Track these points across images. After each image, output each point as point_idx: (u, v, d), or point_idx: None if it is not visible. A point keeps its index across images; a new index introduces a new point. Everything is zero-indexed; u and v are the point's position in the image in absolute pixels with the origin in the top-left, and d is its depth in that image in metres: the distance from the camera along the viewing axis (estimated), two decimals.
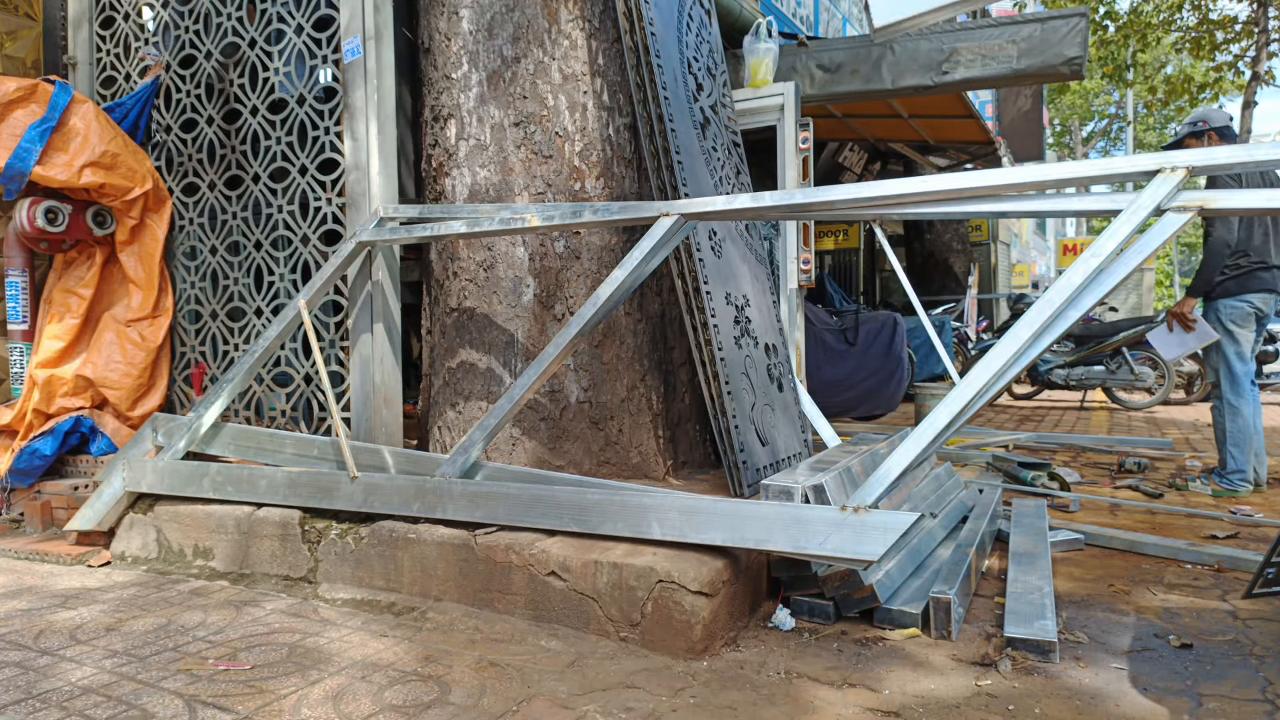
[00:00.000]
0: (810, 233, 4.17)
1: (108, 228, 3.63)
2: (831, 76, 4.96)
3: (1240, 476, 4.04)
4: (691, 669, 2.04)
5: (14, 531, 3.50)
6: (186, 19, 3.69)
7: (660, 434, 3.12)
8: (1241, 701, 1.85)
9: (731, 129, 3.66)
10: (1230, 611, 2.43)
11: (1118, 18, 14.00)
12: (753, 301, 3.31)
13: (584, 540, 2.38)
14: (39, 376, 3.52)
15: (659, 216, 2.39)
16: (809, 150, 4.11)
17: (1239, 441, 4.03)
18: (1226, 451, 4.08)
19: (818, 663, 2.09)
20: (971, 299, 11.00)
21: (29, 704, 1.87)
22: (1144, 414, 7.73)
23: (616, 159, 3.11)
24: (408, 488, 2.60)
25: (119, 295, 3.70)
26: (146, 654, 2.17)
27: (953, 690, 1.93)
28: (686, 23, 3.36)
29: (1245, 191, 1.96)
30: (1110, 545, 3.13)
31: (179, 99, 3.73)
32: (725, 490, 2.86)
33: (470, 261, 3.11)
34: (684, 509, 2.25)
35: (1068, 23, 4.48)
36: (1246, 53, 13.24)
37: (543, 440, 3.02)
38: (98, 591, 2.74)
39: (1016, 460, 4.41)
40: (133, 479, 3.08)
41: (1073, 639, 2.23)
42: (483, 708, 1.84)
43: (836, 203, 2.22)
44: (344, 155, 3.22)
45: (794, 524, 2.10)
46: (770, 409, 3.14)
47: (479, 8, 3.09)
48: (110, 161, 3.46)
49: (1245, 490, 4.03)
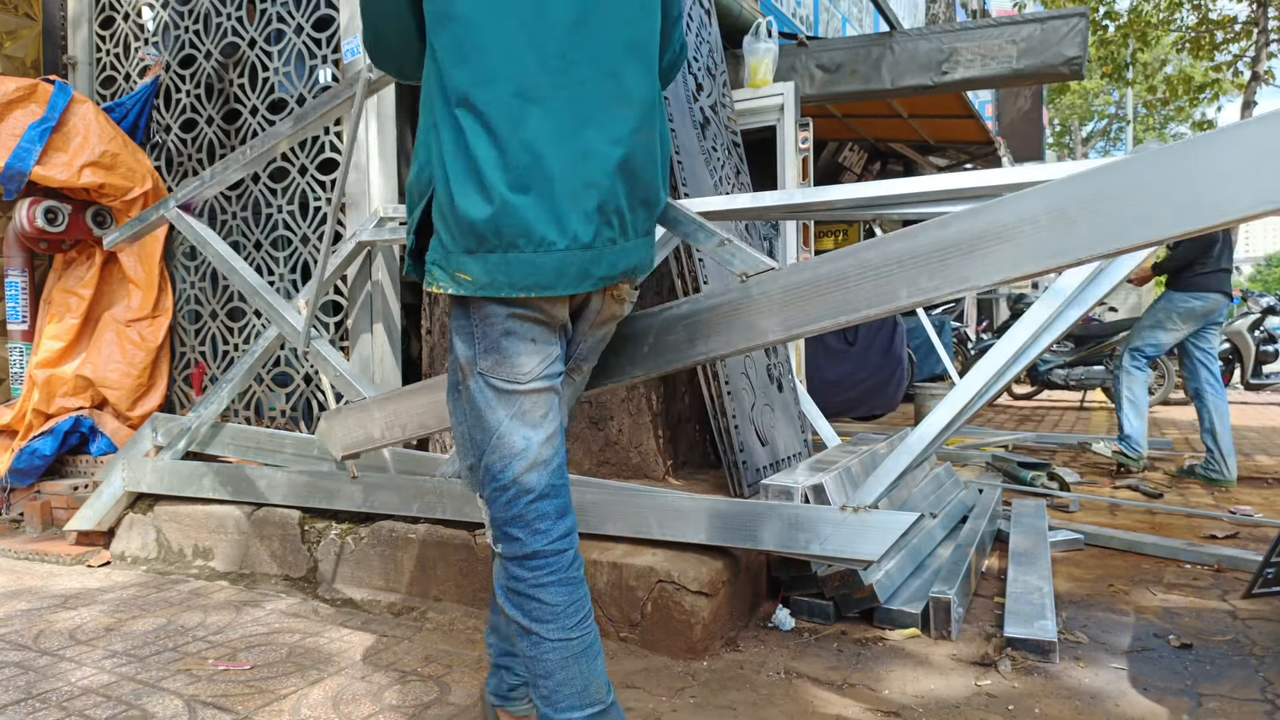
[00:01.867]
0: (810, 233, 4.17)
1: (107, 228, 3.63)
2: (831, 76, 4.95)
3: (1136, 442, 4.50)
4: (691, 669, 2.04)
5: (14, 531, 3.50)
6: (186, 19, 3.69)
7: (660, 434, 3.12)
8: (1241, 701, 1.85)
9: (731, 129, 3.66)
10: (1230, 611, 2.43)
11: (1118, 18, 14.01)
12: None
13: (584, 540, 2.37)
14: (39, 376, 3.52)
15: None
16: (809, 150, 4.11)
17: (1136, 405, 4.51)
18: (1123, 415, 4.54)
19: (818, 663, 2.09)
20: (971, 299, 11.01)
21: (29, 704, 1.87)
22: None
23: None
24: (408, 488, 2.60)
25: (119, 295, 3.70)
26: (146, 654, 2.17)
27: (953, 690, 1.93)
28: (686, 23, 3.36)
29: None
30: (1110, 545, 3.13)
31: (179, 99, 3.73)
32: (725, 490, 2.85)
33: None
34: (684, 509, 2.25)
35: (1067, 23, 4.47)
36: (1246, 53, 13.24)
37: None
38: (97, 591, 2.74)
39: (1016, 460, 4.41)
40: (132, 479, 3.08)
41: (1073, 639, 2.23)
42: (483, 708, 1.84)
43: (836, 203, 2.22)
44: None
45: (794, 524, 2.10)
46: (770, 409, 3.14)
47: None
48: (110, 161, 3.46)
49: (1139, 456, 4.48)
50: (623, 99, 1.35)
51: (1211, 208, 1.28)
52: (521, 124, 1.28)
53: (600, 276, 1.36)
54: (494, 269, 1.30)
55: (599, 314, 1.51)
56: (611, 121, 1.34)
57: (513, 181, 1.28)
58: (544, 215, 1.29)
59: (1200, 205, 1.28)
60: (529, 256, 1.30)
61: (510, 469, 1.37)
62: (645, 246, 1.46)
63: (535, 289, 1.31)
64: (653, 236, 1.50)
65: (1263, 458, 5.14)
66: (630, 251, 1.41)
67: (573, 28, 1.30)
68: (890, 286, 1.53)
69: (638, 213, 1.41)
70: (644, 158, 1.40)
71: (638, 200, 1.40)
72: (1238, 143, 1.26)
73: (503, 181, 1.28)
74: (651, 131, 1.41)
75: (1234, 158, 1.26)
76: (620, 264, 1.39)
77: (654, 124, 1.42)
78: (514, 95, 1.28)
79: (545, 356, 1.39)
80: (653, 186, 1.43)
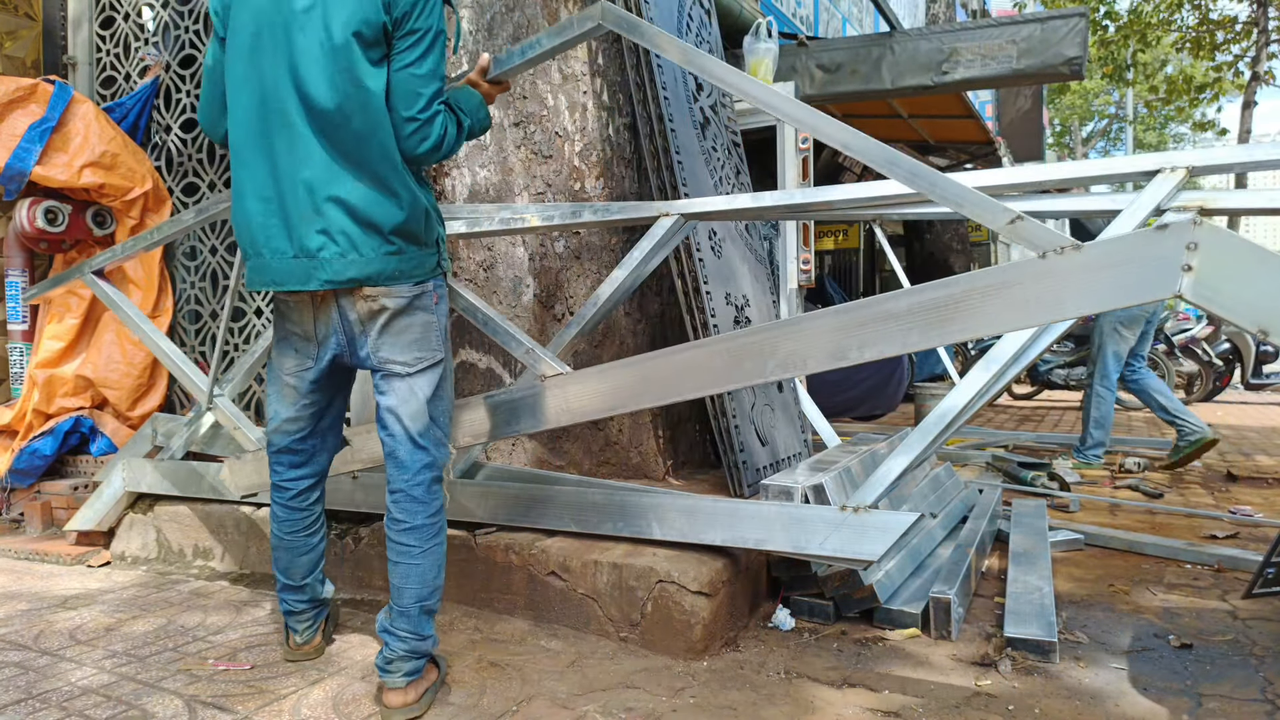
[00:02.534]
0: (810, 233, 4.17)
1: (108, 228, 3.63)
2: (831, 76, 4.95)
3: (1095, 452, 4.75)
4: (691, 669, 2.04)
5: (14, 531, 3.50)
6: (186, 19, 3.68)
7: (660, 434, 3.12)
8: (1241, 701, 1.85)
9: (731, 129, 3.66)
10: (1230, 611, 2.43)
11: (1118, 18, 14.00)
12: (753, 301, 3.31)
13: (584, 540, 2.38)
14: (39, 376, 3.52)
15: (659, 216, 2.39)
16: (809, 150, 4.11)
17: (1102, 424, 4.75)
18: (1088, 431, 4.77)
19: (818, 663, 2.09)
20: None
21: (29, 704, 1.87)
22: (1144, 414, 7.73)
23: (616, 159, 3.11)
24: None
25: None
26: (146, 654, 2.17)
27: (953, 690, 1.93)
28: (686, 23, 3.36)
29: (1246, 192, 1.96)
30: (1110, 545, 3.13)
31: (179, 99, 3.73)
32: (725, 490, 2.86)
33: (470, 261, 3.11)
34: (684, 509, 2.25)
35: (1068, 23, 4.48)
36: (1247, 53, 13.24)
37: (543, 440, 3.02)
38: (97, 592, 2.74)
39: (1016, 460, 4.42)
40: (133, 479, 3.08)
41: (1073, 639, 2.23)
42: (483, 708, 1.84)
43: (836, 203, 2.21)
44: None
45: (794, 524, 2.10)
46: (770, 409, 3.14)
47: (479, 7, 3.09)
48: (110, 161, 3.46)
49: (1098, 464, 4.74)
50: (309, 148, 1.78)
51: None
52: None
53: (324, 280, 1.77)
54: None
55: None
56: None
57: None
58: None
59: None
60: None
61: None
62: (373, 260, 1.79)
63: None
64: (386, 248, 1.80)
65: (1263, 458, 5.14)
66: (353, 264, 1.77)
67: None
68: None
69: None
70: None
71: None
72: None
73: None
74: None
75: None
76: (347, 272, 1.77)
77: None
78: None
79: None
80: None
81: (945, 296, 1.66)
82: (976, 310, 1.64)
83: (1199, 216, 1.53)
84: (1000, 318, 1.63)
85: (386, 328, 1.82)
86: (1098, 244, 1.56)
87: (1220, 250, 1.44)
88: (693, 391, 1.95)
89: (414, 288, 1.84)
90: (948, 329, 1.67)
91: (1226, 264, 1.44)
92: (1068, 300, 1.57)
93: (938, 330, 1.67)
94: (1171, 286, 1.47)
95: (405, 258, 1.81)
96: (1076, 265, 1.55)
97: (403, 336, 1.83)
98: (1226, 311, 1.45)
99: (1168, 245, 1.48)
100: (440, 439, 1.90)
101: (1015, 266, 1.61)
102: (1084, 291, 1.55)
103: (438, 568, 1.88)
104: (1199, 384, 8.49)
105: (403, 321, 1.83)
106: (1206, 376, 8.46)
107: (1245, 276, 1.44)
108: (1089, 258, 1.55)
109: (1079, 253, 1.55)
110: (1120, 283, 1.52)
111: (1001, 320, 1.63)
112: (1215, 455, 5.19)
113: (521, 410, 2.16)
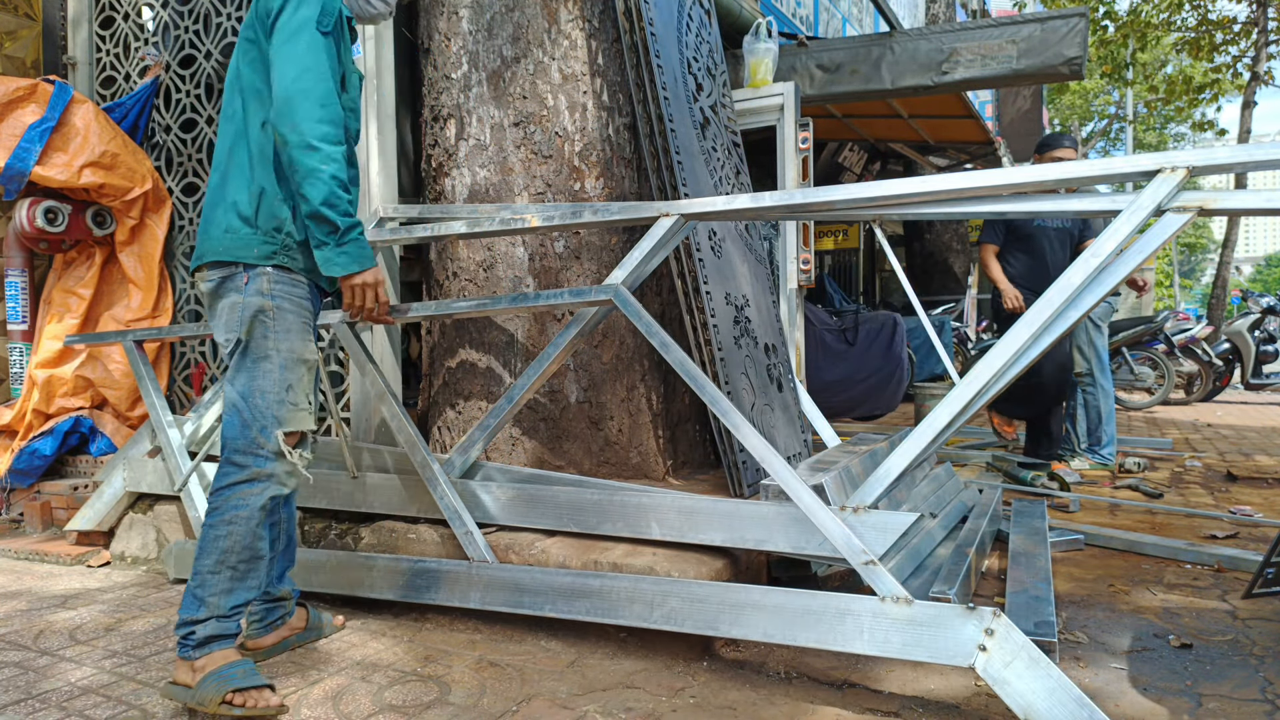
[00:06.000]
0: (810, 233, 4.17)
1: (107, 228, 3.63)
2: (831, 76, 4.95)
3: (1110, 450, 4.68)
4: (691, 669, 2.04)
5: (14, 531, 3.50)
6: (186, 19, 3.69)
7: (660, 434, 3.12)
8: (1241, 701, 1.85)
9: (731, 129, 3.66)
10: (1230, 611, 2.43)
11: (1118, 18, 13.99)
12: (752, 301, 3.31)
13: (583, 540, 2.38)
14: (39, 376, 3.52)
15: (659, 216, 2.39)
16: (809, 150, 4.11)
17: (1110, 418, 4.68)
18: (1101, 428, 4.67)
19: (817, 662, 2.09)
20: (971, 299, 11.01)
21: (29, 704, 1.87)
22: (1144, 414, 7.73)
23: (616, 159, 3.11)
24: (408, 488, 2.60)
25: (119, 295, 3.70)
26: (146, 654, 2.17)
27: (953, 690, 1.93)
28: (686, 23, 3.36)
29: (1246, 192, 1.96)
30: (1110, 545, 3.13)
31: (179, 99, 3.73)
32: (725, 490, 2.85)
33: (470, 261, 3.11)
34: (683, 509, 2.25)
35: (1067, 23, 4.47)
36: (1246, 53, 13.24)
37: (542, 440, 3.02)
38: (97, 592, 2.74)
39: (1016, 460, 4.41)
40: (133, 479, 3.08)
41: (1073, 639, 2.23)
42: (483, 708, 1.84)
43: (836, 203, 2.21)
44: None
45: (793, 524, 2.10)
46: (770, 409, 3.14)
47: (479, 8, 3.08)
48: (110, 161, 3.46)
49: (1113, 462, 4.67)
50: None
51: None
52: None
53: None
54: None
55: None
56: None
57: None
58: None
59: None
60: None
61: None
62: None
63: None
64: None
65: (1263, 458, 5.13)
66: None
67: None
68: None
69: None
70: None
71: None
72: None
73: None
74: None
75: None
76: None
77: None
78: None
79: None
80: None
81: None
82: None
83: (998, 610, 1.74)
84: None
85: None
86: (923, 605, 1.78)
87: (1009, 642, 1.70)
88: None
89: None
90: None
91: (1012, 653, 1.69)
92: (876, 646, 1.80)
93: None
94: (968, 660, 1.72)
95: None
96: (903, 617, 1.79)
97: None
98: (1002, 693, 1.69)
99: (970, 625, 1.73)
100: (245, 421, 1.93)
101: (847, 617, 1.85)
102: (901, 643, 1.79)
103: (205, 549, 1.88)
104: (1199, 384, 8.49)
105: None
106: (1206, 376, 8.46)
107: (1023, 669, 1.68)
108: (914, 612, 1.79)
109: (910, 607, 1.80)
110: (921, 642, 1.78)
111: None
112: (1215, 455, 5.19)
113: (441, 581, 2.35)
